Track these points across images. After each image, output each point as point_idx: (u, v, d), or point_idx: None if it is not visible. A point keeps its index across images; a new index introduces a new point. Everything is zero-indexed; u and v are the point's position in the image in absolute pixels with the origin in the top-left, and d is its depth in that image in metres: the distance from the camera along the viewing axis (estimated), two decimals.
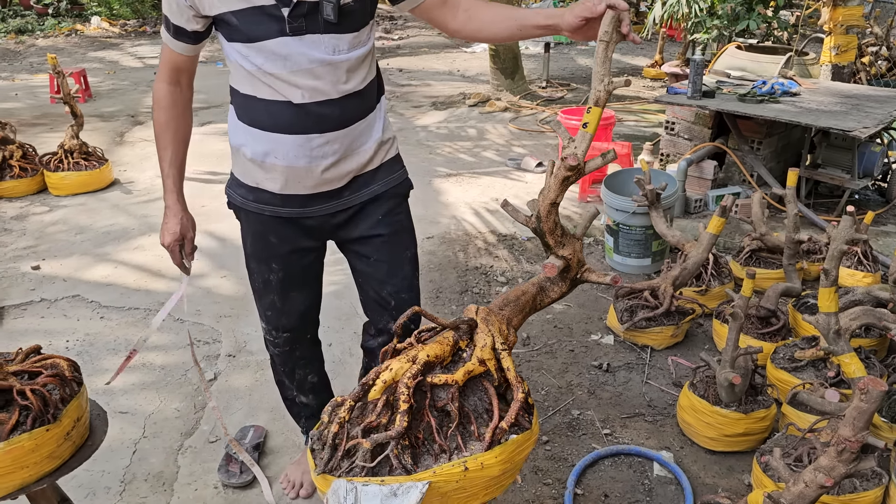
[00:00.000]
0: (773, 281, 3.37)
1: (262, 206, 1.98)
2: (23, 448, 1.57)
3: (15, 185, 4.92)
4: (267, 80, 1.81)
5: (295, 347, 2.24)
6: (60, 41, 11.57)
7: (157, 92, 1.98)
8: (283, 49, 1.76)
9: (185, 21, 1.82)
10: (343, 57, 1.81)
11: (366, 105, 1.95)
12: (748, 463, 2.50)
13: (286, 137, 1.85)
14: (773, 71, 4.99)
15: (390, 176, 2.04)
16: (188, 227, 2.09)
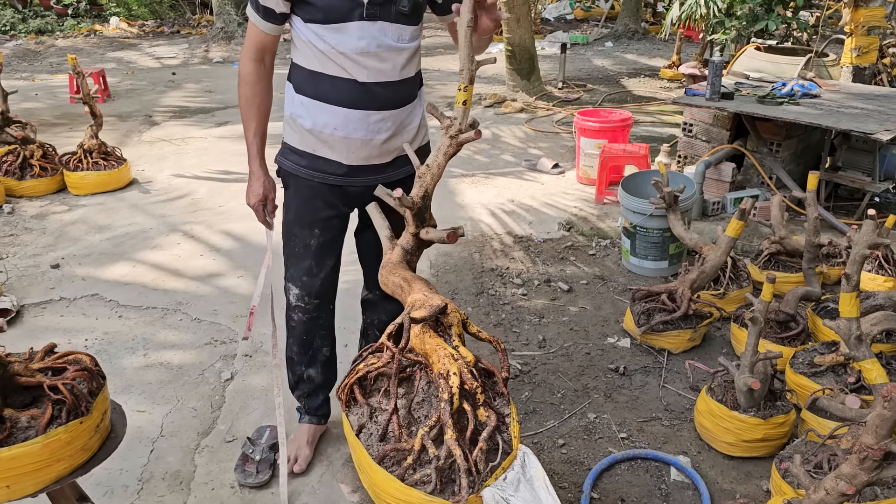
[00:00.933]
0: (792, 285, 3.34)
1: (313, 173, 2.21)
2: (59, 441, 1.61)
3: (35, 185, 4.97)
4: (337, 60, 2.04)
5: (321, 314, 2.43)
6: (79, 41, 11.69)
7: (243, 69, 2.20)
8: (358, 32, 2.01)
9: (275, 4, 2.04)
10: (405, 45, 2.09)
11: (414, 91, 2.22)
12: (767, 469, 2.48)
13: (349, 111, 2.10)
14: (792, 72, 4.95)
15: (425, 157, 2.22)
16: (270, 189, 2.32)
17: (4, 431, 1.56)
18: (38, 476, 1.61)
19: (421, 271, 3.91)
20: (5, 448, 1.55)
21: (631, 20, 11.92)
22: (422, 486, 1.51)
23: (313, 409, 2.59)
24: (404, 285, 1.80)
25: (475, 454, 1.53)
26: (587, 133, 5.09)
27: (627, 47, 11.05)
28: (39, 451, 1.58)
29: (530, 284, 3.80)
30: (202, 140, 6.24)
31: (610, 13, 13.33)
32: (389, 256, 1.90)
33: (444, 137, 1.76)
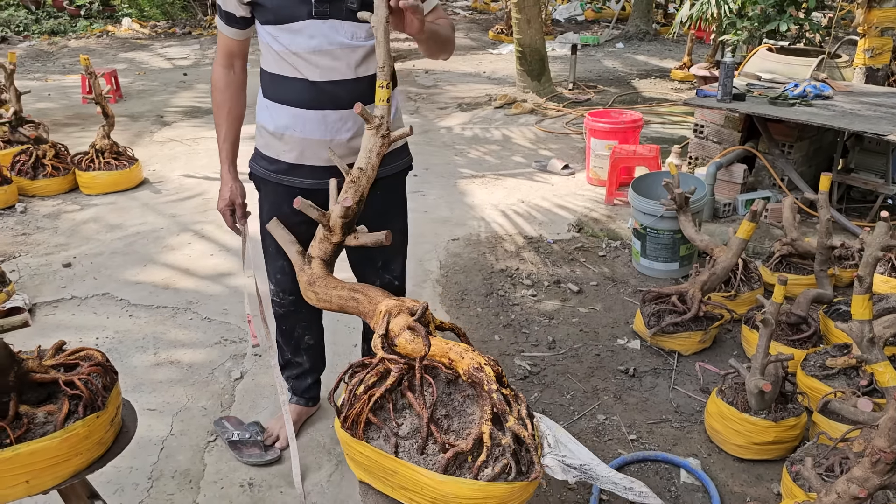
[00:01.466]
0: (803, 287, 3.32)
1: (281, 177, 2.20)
2: (77, 435, 1.63)
3: (48, 184, 5.00)
4: (291, 60, 2.03)
5: (299, 310, 2.46)
6: (92, 42, 11.76)
7: (213, 74, 2.26)
8: (308, 30, 1.98)
9: (234, 7, 2.07)
10: (360, 42, 2.02)
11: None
12: (777, 472, 2.46)
13: (306, 112, 2.08)
14: (804, 74, 4.92)
15: (398, 161, 2.28)
16: (237, 195, 2.34)
17: (22, 427, 1.58)
18: (56, 471, 1.63)
19: (429, 272, 3.91)
20: (24, 443, 1.57)
21: (642, 21, 11.88)
22: (504, 476, 1.53)
23: (301, 390, 2.67)
24: (359, 297, 1.77)
25: (531, 429, 1.57)
26: (598, 134, 5.07)
27: (638, 48, 11.02)
28: (58, 445, 1.60)
29: (540, 285, 3.79)
30: (213, 140, 6.23)
31: (621, 14, 13.30)
32: (311, 272, 1.83)
33: (375, 137, 1.74)
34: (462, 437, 1.61)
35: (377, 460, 1.64)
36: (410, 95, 8.13)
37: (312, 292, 1.83)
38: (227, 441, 2.59)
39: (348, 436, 1.67)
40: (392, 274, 2.41)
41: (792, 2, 6.11)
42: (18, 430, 1.57)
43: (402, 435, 1.64)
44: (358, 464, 1.70)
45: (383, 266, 2.38)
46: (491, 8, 15.14)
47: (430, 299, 3.62)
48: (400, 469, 1.61)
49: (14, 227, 4.51)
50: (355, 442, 1.66)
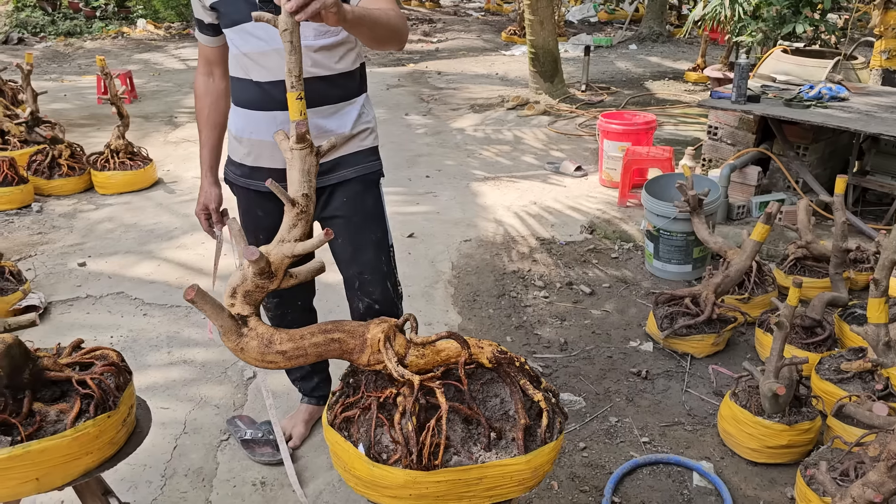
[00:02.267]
0: (818, 290, 3.30)
1: (248, 181, 2.20)
2: (88, 434, 1.64)
3: (63, 184, 5.05)
4: (241, 61, 2.04)
5: (286, 312, 2.47)
6: (107, 43, 11.85)
7: (195, 82, 2.30)
8: (254, 31, 1.96)
9: (202, 13, 2.08)
10: (308, 42, 1.95)
11: (334, 93, 2.09)
12: (791, 476, 2.44)
13: (255, 113, 2.08)
14: (820, 75, 4.89)
15: (361, 164, 2.20)
16: (211, 199, 2.36)
17: (34, 425, 1.59)
18: (67, 469, 1.64)
19: (442, 273, 3.92)
20: (35, 441, 1.58)
21: (655, 23, 11.84)
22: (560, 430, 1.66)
23: (309, 390, 2.68)
24: (338, 336, 1.63)
25: None
26: (611, 136, 5.06)
27: (652, 50, 10.98)
28: (69, 444, 1.61)
29: (552, 287, 3.79)
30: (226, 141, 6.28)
31: (634, 16, 13.26)
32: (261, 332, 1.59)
33: (308, 157, 1.61)
34: (499, 418, 1.65)
35: (459, 478, 1.56)
36: (423, 96, 8.14)
37: (276, 354, 1.58)
38: (239, 440, 2.61)
39: (419, 472, 1.54)
40: (371, 297, 2.25)
41: (807, 3, 6.07)
42: (31, 428, 1.58)
43: (457, 444, 1.61)
44: (426, 497, 1.57)
45: (360, 288, 2.25)
46: (504, 9, 15.14)
47: (441, 300, 3.63)
48: (487, 472, 1.57)
49: (30, 226, 4.55)
50: (432, 474, 1.54)
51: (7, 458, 1.55)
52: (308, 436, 2.65)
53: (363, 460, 1.59)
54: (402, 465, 1.55)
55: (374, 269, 2.24)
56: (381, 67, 9.89)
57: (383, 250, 2.26)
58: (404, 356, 1.64)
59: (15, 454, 1.55)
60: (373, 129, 2.23)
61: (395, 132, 6.65)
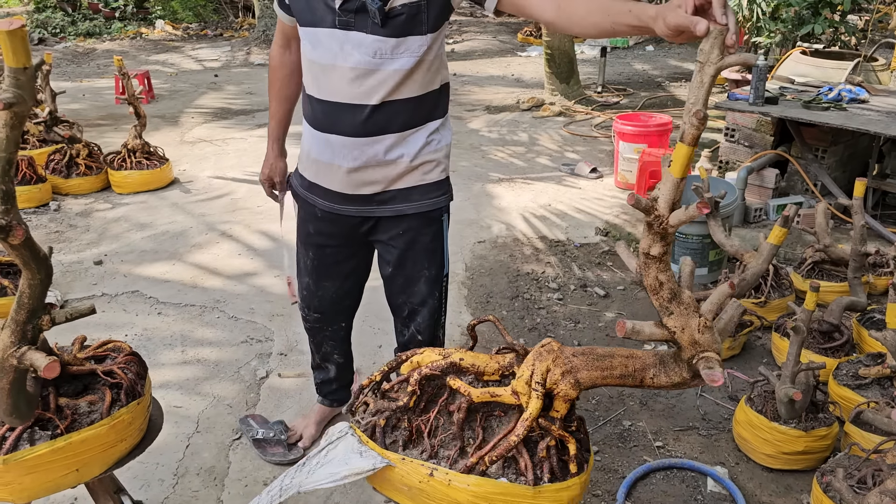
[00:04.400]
0: (836, 294, 3.25)
1: (306, 194, 2.15)
2: (123, 421, 1.69)
3: (80, 183, 5.09)
4: (311, 70, 1.92)
5: (324, 327, 2.44)
6: (126, 44, 11.95)
7: (271, 53, 2.22)
8: (328, 41, 1.82)
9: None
10: (382, 62, 1.80)
11: (401, 120, 1.91)
12: (807, 482, 2.41)
13: (315, 132, 1.99)
14: (839, 77, 4.83)
15: (424, 200, 2.04)
16: (276, 172, 2.34)
17: (66, 419, 1.62)
18: (104, 457, 1.69)
19: (455, 274, 3.91)
20: (76, 432, 1.62)
21: None
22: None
23: (325, 392, 2.67)
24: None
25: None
26: (626, 137, 5.03)
27: (669, 51, 10.91)
28: (106, 432, 1.66)
29: (566, 289, 3.76)
30: (242, 141, 6.32)
31: None
32: None
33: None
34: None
35: None
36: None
37: None
38: (251, 439, 2.61)
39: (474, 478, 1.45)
40: (416, 327, 2.20)
41: (827, 4, 6.01)
42: (64, 422, 1.61)
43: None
44: None
45: (409, 315, 2.21)
46: None
47: (455, 301, 3.62)
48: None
49: (48, 224, 4.59)
50: None
51: (50, 452, 1.59)
52: (318, 437, 2.64)
53: None
54: None
55: (424, 302, 2.17)
56: None
57: (437, 285, 2.17)
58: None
59: (57, 447, 1.60)
60: (440, 161, 2.04)
61: None
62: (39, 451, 1.59)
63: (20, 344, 1.45)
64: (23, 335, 1.45)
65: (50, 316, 1.46)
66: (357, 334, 3.00)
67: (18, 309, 1.43)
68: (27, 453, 1.58)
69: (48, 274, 1.42)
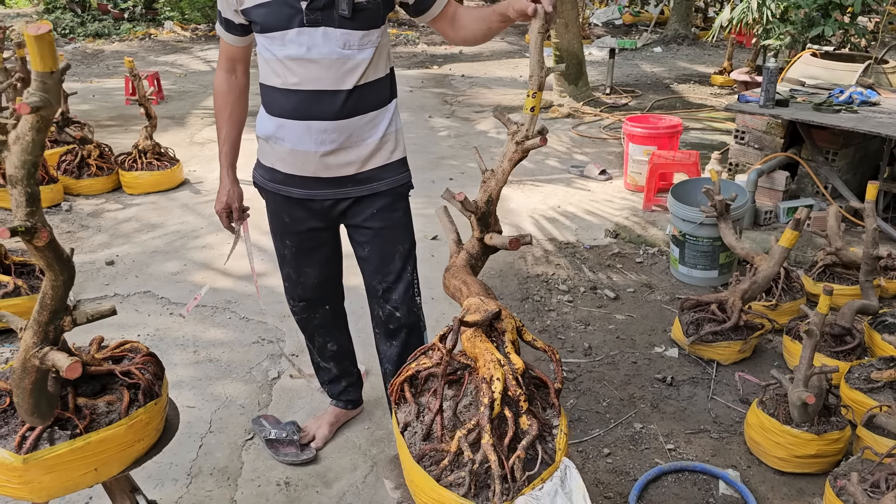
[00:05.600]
0: (848, 297, 3.25)
1: (277, 186, 2.21)
2: (141, 421, 1.72)
3: (92, 184, 5.11)
4: (278, 69, 2.02)
5: (313, 316, 2.48)
6: (135, 45, 12.00)
7: (215, 79, 2.29)
8: (298, 38, 1.95)
9: (232, 14, 2.07)
10: (352, 52, 1.98)
11: (369, 102, 2.09)
12: (819, 486, 2.41)
13: (291, 122, 2.07)
14: (849, 80, 4.82)
15: (394, 176, 2.21)
16: (234, 198, 2.37)
17: (85, 419, 1.64)
18: (122, 457, 1.71)
19: None
20: (94, 432, 1.64)
21: (681, 25, 11.76)
22: (456, 487, 1.50)
23: (336, 394, 2.69)
24: (463, 288, 1.80)
25: (512, 461, 1.49)
26: (636, 139, 5.03)
27: (677, 53, 10.90)
28: (125, 432, 1.68)
29: (576, 291, 3.77)
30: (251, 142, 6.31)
31: (659, 18, 13.17)
32: (455, 260, 1.88)
33: (510, 143, 1.76)
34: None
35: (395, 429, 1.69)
36: (446, 99, 8.14)
37: (447, 277, 1.89)
38: (264, 439, 2.62)
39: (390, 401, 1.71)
40: (393, 304, 2.29)
41: (837, 6, 5.99)
42: (83, 422, 1.63)
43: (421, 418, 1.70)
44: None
45: (383, 295, 2.29)
46: None
47: None
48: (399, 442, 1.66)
49: (59, 224, 4.62)
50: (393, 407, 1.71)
51: (69, 451, 1.61)
52: (331, 438, 2.66)
53: None
54: None
55: (399, 278, 2.27)
56: (405, 70, 9.91)
57: (409, 260, 2.29)
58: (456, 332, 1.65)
59: (77, 446, 1.62)
60: (399, 140, 2.22)
61: (419, 135, 6.67)
62: (59, 450, 1.61)
63: (42, 344, 1.46)
64: (45, 336, 1.47)
65: (72, 317, 1.47)
66: (364, 336, 3.02)
67: (41, 310, 1.44)
68: (47, 453, 1.60)
69: (71, 275, 1.43)
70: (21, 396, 1.50)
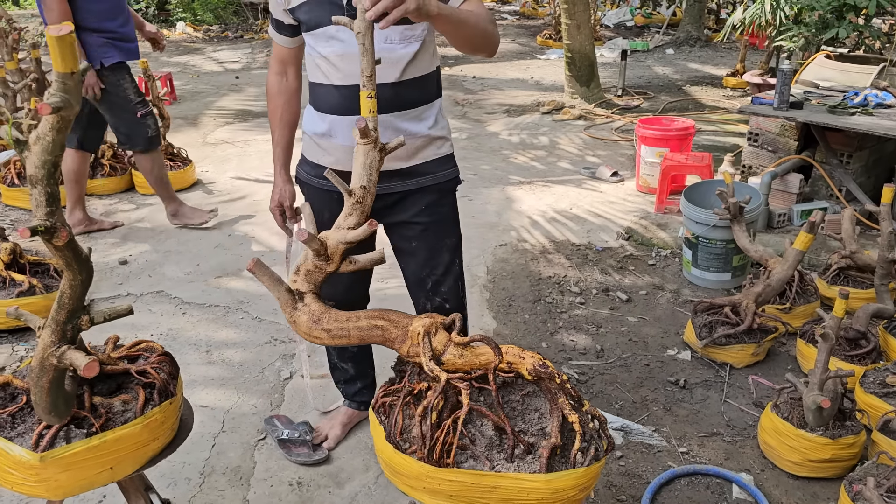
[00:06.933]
0: (863, 301, 3.23)
1: (322, 182, 2.18)
2: (156, 421, 1.72)
3: (105, 183, 5.15)
4: (323, 66, 2.04)
5: None
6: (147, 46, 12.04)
7: (267, 82, 2.31)
8: (339, 34, 1.96)
9: (281, 14, 2.09)
10: (393, 47, 1.97)
11: (415, 97, 2.09)
12: (834, 491, 2.39)
13: (339, 118, 2.08)
14: (864, 82, 4.79)
15: (439, 172, 2.20)
16: (286, 197, 2.37)
17: (101, 417, 1.65)
18: (137, 456, 1.72)
19: (477, 277, 3.91)
20: (110, 430, 1.64)
21: (693, 27, 11.71)
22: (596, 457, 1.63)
23: (351, 394, 2.70)
24: (383, 324, 1.68)
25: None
26: (648, 141, 5.01)
27: (689, 55, 10.86)
28: (140, 431, 1.69)
29: (588, 293, 3.76)
30: (264, 143, 6.36)
31: (671, 20, 13.13)
32: (311, 308, 1.68)
33: (372, 152, 1.66)
34: (534, 433, 1.64)
35: (472, 482, 1.59)
36: (458, 100, 8.14)
37: (322, 331, 1.67)
38: (276, 439, 2.63)
39: (431, 467, 1.59)
40: (442, 297, 2.32)
41: (851, 8, 5.94)
42: (99, 420, 1.64)
43: (480, 448, 1.63)
44: (439, 493, 1.62)
45: (433, 288, 2.31)
46: (538, 13, 15.09)
47: (476, 305, 3.62)
48: (502, 482, 1.58)
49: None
50: (443, 471, 1.59)
51: (85, 450, 1.62)
52: (344, 438, 2.66)
53: (388, 446, 1.67)
54: (417, 458, 1.61)
55: (448, 270, 2.29)
56: None
57: (457, 252, 2.31)
58: (442, 353, 1.64)
59: (92, 445, 1.63)
60: (446, 137, 2.23)
61: None
62: (75, 448, 1.62)
63: (60, 343, 1.47)
64: (62, 335, 1.48)
65: (89, 316, 1.48)
66: None
67: (59, 309, 1.45)
68: (63, 451, 1.61)
69: (89, 275, 1.44)
70: (39, 395, 1.51)
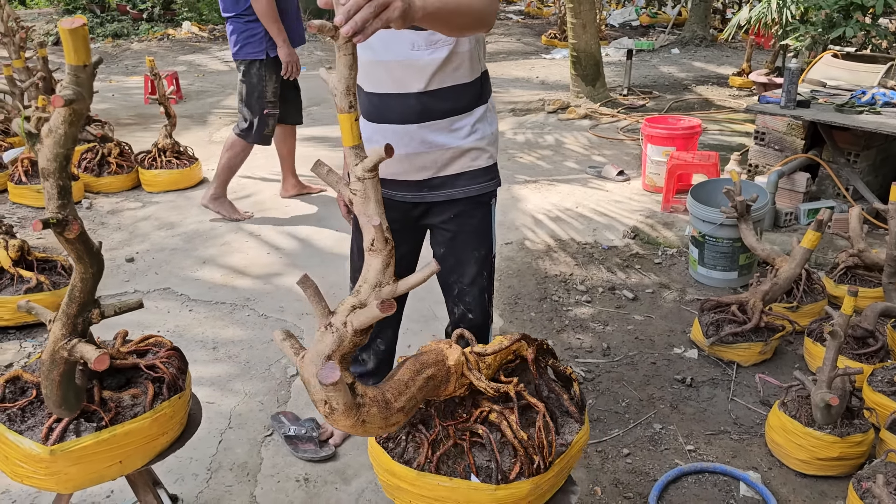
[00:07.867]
0: (870, 300, 3.22)
1: None
2: (165, 415, 1.74)
3: (111, 181, 5.16)
4: (361, 73, 1.97)
5: (363, 357, 2.49)
6: (153, 45, 12.08)
7: None
8: (372, 42, 1.88)
9: None
10: (420, 54, 1.92)
11: (445, 108, 2.01)
12: (842, 489, 2.39)
13: (371, 125, 2.06)
14: (871, 81, 4.78)
15: (472, 185, 2.12)
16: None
17: (110, 412, 1.66)
18: (146, 450, 1.73)
19: None
20: (119, 424, 1.66)
21: (699, 27, 11.69)
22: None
23: None
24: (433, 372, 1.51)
25: None
26: (654, 140, 5.01)
27: (695, 54, 10.85)
28: (149, 425, 1.70)
29: (594, 292, 3.76)
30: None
31: (677, 19, 13.11)
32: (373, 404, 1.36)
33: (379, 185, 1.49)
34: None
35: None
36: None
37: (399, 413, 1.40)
38: (283, 436, 2.63)
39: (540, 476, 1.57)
40: (467, 306, 2.28)
41: (858, 7, 5.93)
42: (108, 414, 1.64)
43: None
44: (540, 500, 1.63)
45: (458, 295, 2.28)
46: (543, 13, 15.09)
47: None
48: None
49: None
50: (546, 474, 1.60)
51: (95, 443, 1.63)
52: (349, 435, 2.67)
53: (482, 490, 1.54)
54: (526, 476, 1.54)
55: (473, 282, 2.24)
56: None
57: (485, 265, 2.24)
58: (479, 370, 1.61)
59: (102, 438, 1.64)
60: (486, 148, 2.11)
61: None
62: (85, 442, 1.63)
63: (71, 336, 1.48)
64: (73, 328, 1.48)
65: (100, 309, 1.49)
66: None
67: (70, 302, 1.46)
68: (73, 444, 1.62)
69: (100, 268, 1.45)
70: (49, 388, 1.52)
